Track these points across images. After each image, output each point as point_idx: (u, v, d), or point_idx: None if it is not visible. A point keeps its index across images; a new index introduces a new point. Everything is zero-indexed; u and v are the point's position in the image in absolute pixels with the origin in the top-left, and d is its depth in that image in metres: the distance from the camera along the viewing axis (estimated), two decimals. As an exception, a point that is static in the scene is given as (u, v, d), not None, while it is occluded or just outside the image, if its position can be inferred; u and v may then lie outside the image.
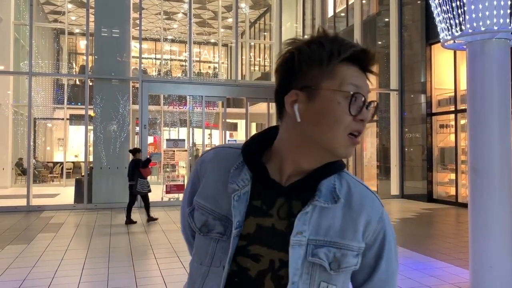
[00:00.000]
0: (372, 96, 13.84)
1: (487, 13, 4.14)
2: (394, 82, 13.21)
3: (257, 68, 24.47)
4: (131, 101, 11.45)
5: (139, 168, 8.76)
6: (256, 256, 0.98)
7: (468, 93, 4.44)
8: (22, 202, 10.64)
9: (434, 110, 12.22)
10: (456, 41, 4.71)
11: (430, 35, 11.96)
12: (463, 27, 4.37)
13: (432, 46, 12.11)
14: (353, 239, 0.97)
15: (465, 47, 4.56)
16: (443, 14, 4.57)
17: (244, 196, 1.00)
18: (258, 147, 1.03)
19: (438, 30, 4.74)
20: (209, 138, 13.43)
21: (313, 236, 0.96)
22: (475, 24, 4.21)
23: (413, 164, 12.72)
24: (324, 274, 0.96)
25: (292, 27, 19.09)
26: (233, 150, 1.06)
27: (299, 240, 0.95)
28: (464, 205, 10.75)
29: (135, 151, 9.16)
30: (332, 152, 0.97)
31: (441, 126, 12.14)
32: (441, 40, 4.69)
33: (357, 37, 13.26)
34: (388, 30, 13.44)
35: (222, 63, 27.13)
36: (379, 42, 14.12)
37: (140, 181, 8.70)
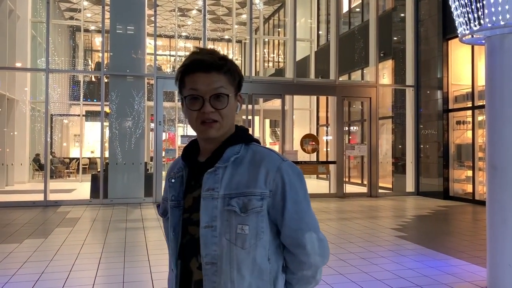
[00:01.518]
0: (387, 92, 13.73)
1: (506, 7, 4.06)
2: (409, 78, 13.05)
3: (271, 64, 24.43)
4: (146, 98, 11.53)
5: None
6: (197, 221, 1.30)
7: (487, 89, 4.36)
8: (40, 197, 10.81)
9: (450, 106, 12.05)
10: (474, 35, 4.63)
11: (447, 30, 11.79)
12: (481, 22, 4.30)
13: (449, 41, 11.93)
14: (255, 187, 1.27)
15: (483, 41, 4.48)
16: (461, 8, 4.50)
17: (179, 179, 1.37)
18: (192, 149, 1.41)
19: (456, 24, 4.67)
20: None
21: (227, 191, 1.28)
22: (494, 18, 4.13)
23: (429, 161, 12.58)
24: (238, 217, 1.26)
25: (306, 23, 19.02)
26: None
27: (210, 194, 1.28)
28: (481, 203, 10.61)
29: None
30: (199, 137, 1.37)
31: (458, 123, 11.97)
32: (459, 35, 4.62)
33: (372, 32, 13.11)
34: (404, 25, 13.27)
35: (236, 59, 27.13)
36: (395, 38, 13.96)
37: None
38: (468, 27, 4.41)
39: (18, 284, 4.65)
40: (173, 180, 1.38)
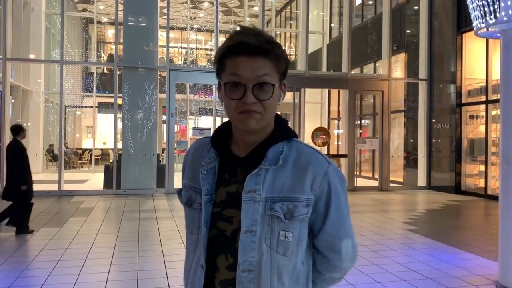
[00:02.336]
0: (399, 86, 13.64)
1: (523, 0, 4.03)
2: (422, 72, 12.96)
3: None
4: (158, 90, 11.61)
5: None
6: (229, 218, 1.21)
7: (502, 83, 4.34)
8: (54, 187, 10.98)
9: (464, 101, 11.96)
10: (489, 29, 4.60)
11: (462, 23, 11.67)
12: (497, 15, 4.27)
13: (463, 35, 11.81)
14: (301, 192, 1.19)
15: (499, 35, 4.46)
16: (476, 1, 4.47)
17: (211, 170, 1.24)
18: (224, 133, 1.28)
19: (471, 18, 4.65)
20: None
21: (269, 194, 1.18)
22: (510, 12, 4.11)
23: (441, 155, 12.52)
24: (281, 224, 1.18)
25: (318, 15, 18.91)
26: (207, 139, 1.31)
27: (252, 197, 1.17)
28: (494, 198, 10.54)
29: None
30: (236, 127, 1.22)
31: (471, 117, 11.87)
32: (474, 28, 4.60)
33: (385, 25, 13.03)
34: (418, 18, 13.16)
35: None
36: (408, 31, 13.86)
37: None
38: (483, 20, 4.39)
39: (36, 271, 4.77)
40: (205, 172, 1.24)
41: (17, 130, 6.75)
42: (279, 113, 1.30)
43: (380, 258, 5.45)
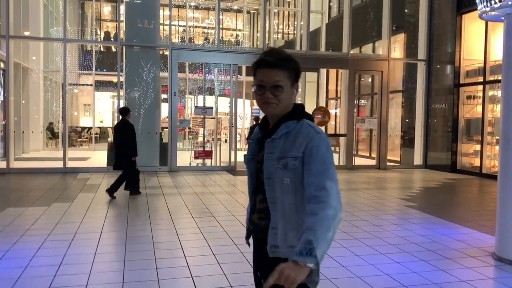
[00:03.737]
0: (398, 66, 13.76)
1: (527, -16, 4.19)
2: (421, 52, 13.10)
3: (280, 36, 24.32)
4: (160, 68, 11.68)
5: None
6: (263, 171, 1.83)
7: (504, 65, 4.53)
8: (58, 164, 11.15)
9: (461, 81, 12.15)
10: (493, 13, 4.77)
11: (462, 4, 11.78)
12: (502, -1, 4.43)
13: (463, 16, 11.93)
14: (292, 151, 1.74)
15: (503, 18, 4.63)
16: (481, -15, 4.62)
17: (256, 141, 1.92)
18: (267, 119, 1.91)
19: (476, 0, 4.80)
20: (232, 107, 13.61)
21: (279, 154, 1.76)
22: (515, -4, 4.27)
23: (437, 135, 12.78)
24: (283, 172, 1.75)
25: (318, -6, 18.83)
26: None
27: (269, 156, 1.79)
28: (489, 176, 10.87)
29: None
30: (263, 112, 1.85)
31: (469, 97, 12.10)
32: (479, 12, 4.76)
33: (385, 5, 13.09)
34: (418, -2, 13.24)
35: (245, 31, 26.99)
36: (407, 11, 13.93)
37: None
38: (488, 4, 4.54)
39: (55, 242, 4.98)
40: (251, 141, 1.96)
41: (126, 111, 7.96)
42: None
43: (382, 232, 5.72)
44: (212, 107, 12.52)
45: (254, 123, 14.52)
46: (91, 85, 18.71)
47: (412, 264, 4.41)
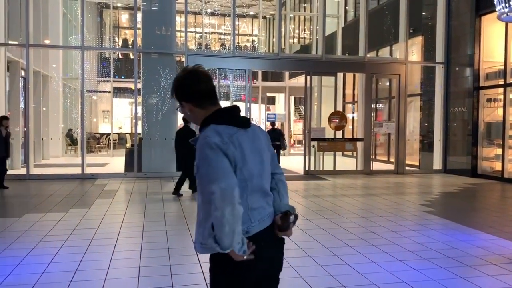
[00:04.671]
0: (416, 69, 13.56)
1: (548, -16, 4.08)
2: (439, 55, 12.92)
3: (295, 40, 24.30)
4: (176, 75, 11.76)
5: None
6: None
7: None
8: (76, 170, 11.29)
9: (481, 84, 11.93)
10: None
11: (481, 6, 11.58)
12: (521, -1, 4.32)
13: (482, 17, 11.73)
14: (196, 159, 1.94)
15: (523, 19, 4.51)
16: (500, -14, 4.52)
17: None
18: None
19: (495, 2, 4.70)
20: (246, 112, 13.63)
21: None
22: (535, -4, 4.16)
23: (457, 138, 12.55)
24: (197, 178, 1.94)
25: (333, -2, 18.77)
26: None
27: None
28: (511, 181, 10.61)
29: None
30: None
31: (489, 100, 11.86)
32: (498, 13, 4.66)
33: (402, 7, 12.96)
34: (435, 0, 13.06)
35: (261, 36, 27.03)
36: (424, 13, 13.76)
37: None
38: (507, 5, 4.44)
39: (71, 248, 5.02)
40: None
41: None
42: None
43: (400, 238, 5.61)
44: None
45: (270, 127, 14.52)
46: (110, 91, 18.95)
47: (431, 272, 4.31)
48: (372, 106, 13.27)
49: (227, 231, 1.74)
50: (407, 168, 12.89)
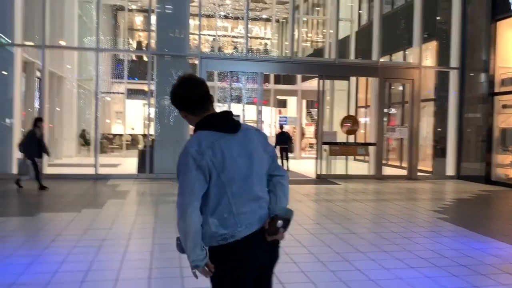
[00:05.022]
0: (430, 74, 13.45)
1: None
2: (454, 60, 12.79)
3: (308, 44, 24.27)
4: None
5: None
6: None
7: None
8: (89, 170, 11.39)
9: (496, 90, 11.78)
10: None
11: (497, 11, 11.45)
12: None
13: (498, 23, 11.59)
14: None
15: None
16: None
17: None
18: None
19: (512, 7, 4.63)
20: (258, 114, 13.63)
21: None
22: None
23: (471, 144, 12.41)
24: None
25: (346, 2, 18.72)
26: None
27: None
28: (526, 188, 10.46)
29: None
30: None
31: (504, 106, 11.70)
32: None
33: (416, 12, 12.87)
34: (450, 5, 12.93)
35: (274, 39, 27.06)
36: (439, 18, 13.65)
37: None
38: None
39: (84, 248, 5.06)
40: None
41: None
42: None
43: (413, 244, 5.55)
44: (239, 115, 12.55)
45: (280, 131, 14.64)
46: (123, 93, 19.11)
47: (444, 280, 4.26)
48: (385, 110, 13.18)
49: (184, 240, 1.94)
50: (419, 173, 12.77)
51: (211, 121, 2.04)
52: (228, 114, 2.08)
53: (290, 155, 16.99)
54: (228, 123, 2.04)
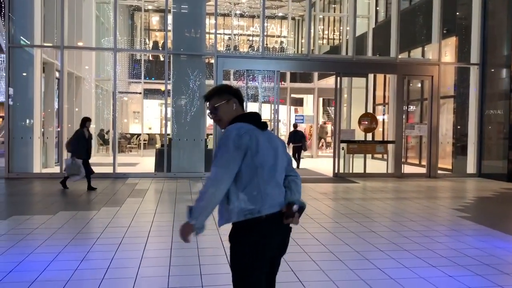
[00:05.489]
0: (449, 71, 13.21)
1: None
2: (474, 56, 12.55)
3: (324, 41, 24.11)
4: (206, 76, 11.86)
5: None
6: None
7: None
8: (108, 169, 11.51)
9: (519, 85, 11.52)
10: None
11: (519, 5, 11.18)
12: None
13: (520, 17, 11.33)
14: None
15: None
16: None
17: None
18: None
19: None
20: (274, 113, 13.57)
21: None
22: None
23: (492, 142, 12.16)
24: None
25: (364, -1, 18.54)
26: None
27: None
28: (550, 186, 10.20)
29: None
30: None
31: (527, 103, 11.44)
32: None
33: (435, 7, 12.66)
34: (470, 0, 12.70)
35: (290, 37, 26.97)
36: (458, 13, 13.40)
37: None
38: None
39: (103, 246, 5.10)
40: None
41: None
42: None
43: (434, 243, 5.45)
44: (257, 113, 12.51)
45: (293, 129, 14.74)
46: (140, 93, 19.27)
47: (466, 279, 4.17)
48: (404, 108, 13.00)
49: (202, 206, 2.19)
50: (439, 171, 12.57)
51: (247, 116, 2.37)
52: (259, 114, 2.46)
53: (305, 153, 16.91)
54: (260, 121, 2.38)
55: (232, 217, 2.26)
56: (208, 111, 2.52)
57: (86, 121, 9.09)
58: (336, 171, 12.16)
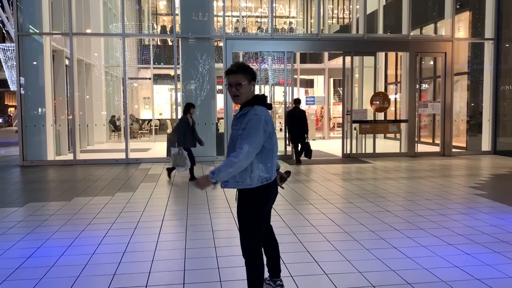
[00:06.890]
0: (463, 47, 12.92)
1: None
2: (489, 31, 12.26)
3: (334, 21, 23.74)
4: (215, 59, 11.75)
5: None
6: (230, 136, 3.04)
7: None
8: (121, 155, 11.57)
9: (535, 60, 11.24)
10: None
11: (535, -24, 10.84)
12: None
13: (536, -12, 10.99)
14: (243, 125, 2.81)
15: None
16: None
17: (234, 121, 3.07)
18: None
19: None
20: (283, 95, 13.40)
21: (240, 126, 2.84)
22: None
23: (507, 118, 11.94)
24: (239, 137, 2.81)
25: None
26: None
27: (234, 128, 2.93)
28: None
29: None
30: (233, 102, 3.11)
31: (543, 77, 11.18)
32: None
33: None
34: (484, -28, 12.36)
35: (299, 18, 26.60)
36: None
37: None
38: None
39: (119, 231, 5.14)
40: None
41: (298, 101, 11.02)
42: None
43: (450, 221, 5.40)
44: (266, 96, 12.41)
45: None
46: (150, 78, 19.24)
47: (484, 256, 4.12)
48: (417, 86, 12.79)
49: (229, 171, 2.73)
50: (454, 150, 12.42)
51: (262, 100, 2.92)
52: (266, 96, 3.02)
53: (317, 134, 16.52)
54: (268, 103, 2.97)
55: (253, 183, 2.84)
56: (226, 84, 2.88)
57: (190, 107, 8.55)
58: (346, 152, 12.07)
